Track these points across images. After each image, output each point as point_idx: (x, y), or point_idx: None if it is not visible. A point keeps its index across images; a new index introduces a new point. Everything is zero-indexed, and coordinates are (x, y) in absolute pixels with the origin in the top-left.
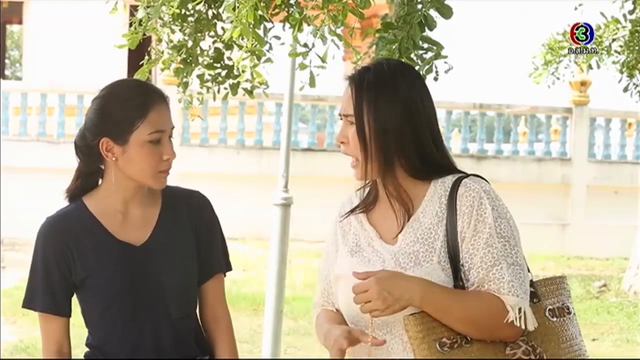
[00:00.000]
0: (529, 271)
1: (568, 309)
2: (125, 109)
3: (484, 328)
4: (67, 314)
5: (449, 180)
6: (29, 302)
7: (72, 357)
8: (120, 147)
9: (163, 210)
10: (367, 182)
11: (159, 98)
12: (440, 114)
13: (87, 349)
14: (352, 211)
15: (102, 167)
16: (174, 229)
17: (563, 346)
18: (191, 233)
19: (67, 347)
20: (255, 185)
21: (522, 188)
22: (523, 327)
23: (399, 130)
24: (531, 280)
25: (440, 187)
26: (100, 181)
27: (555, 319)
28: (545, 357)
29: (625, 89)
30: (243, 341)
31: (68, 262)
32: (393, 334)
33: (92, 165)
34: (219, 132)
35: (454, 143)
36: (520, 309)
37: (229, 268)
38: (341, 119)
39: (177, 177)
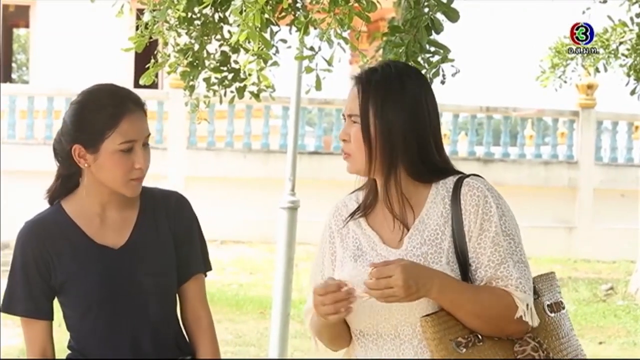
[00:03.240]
0: None
1: (562, 304)
2: (97, 118)
3: (495, 323)
4: (49, 317)
5: (450, 181)
6: (8, 306)
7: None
8: (92, 155)
9: (141, 213)
10: (361, 186)
11: (133, 106)
12: (447, 117)
13: (68, 351)
14: (352, 215)
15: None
16: (152, 231)
17: (563, 340)
18: (170, 234)
19: (50, 350)
20: (262, 189)
21: (529, 191)
22: (530, 322)
23: (404, 133)
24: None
25: (442, 189)
26: (79, 183)
27: (553, 315)
28: (550, 353)
29: (633, 92)
30: (250, 344)
31: (48, 265)
32: (402, 340)
33: (70, 169)
34: (226, 136)
35: (460, 146)
36: (527, 305)
37: (209, 268)
38: (344, 119)
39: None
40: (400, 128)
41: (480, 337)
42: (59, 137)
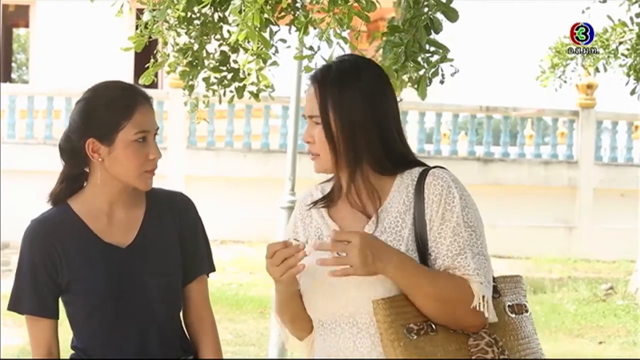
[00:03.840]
0: None
1: (525, 307)
2: (110, 110)
3: (451, 309)
4: (55, 315)
5: (416, 171)
6: (15, 305)
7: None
8: (107, 148)
9: (147, 212)
10: (329, 179)
11: (143, 99)
12: (447, 117)
13: (71, 352)
14: (314, 204)
15: (87, 169)
16: (158, 231)
17: (522, 342)
18: (175, 234)
19: (56, 349)
20: (262, 189)
21: (528, 191)
22: (486, 315)
23: (365, 125)
24: (492, 276)
25: (407, 178)
26: (85, 184)
27: (514, 315)
28: (506, 351)
29: (632, 92)
30: (250, 344)
31: (55, 264)
32: (359, 328)
33: (77, 168)
34: (226, 135)
35: (460, 146)
36: (484, 297)
37: (213, 269)
38: (306, 120)
39: (184, 180)
40: (361, 121)
41: (433, 326)
42: (66, 135)
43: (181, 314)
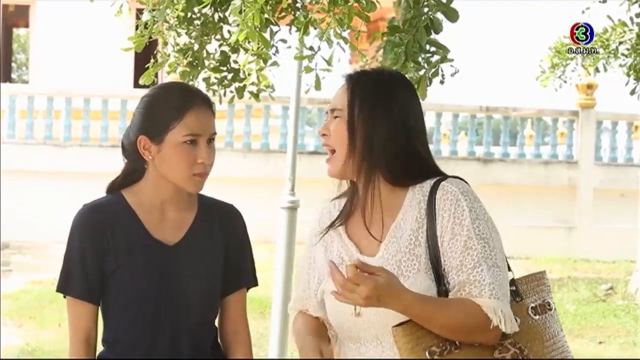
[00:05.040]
0: (510, 270)
1: (549, 305)
2: (163, 109)
3: (467, 334)
4: (98, 302)
5: (427, 184)
6: (64, 287)
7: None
8: (156, 146)
9: (198, 216)
10: (342, 193)
11: (201, 102)
12: (447, 117)
13: (102, 348)
14: (330, 226)
15: (146, 167)
16: (206, 235)
17: (547, 344)
18: (221, 243)
19: (94, 335)
20: (262, 189)
21: (528, 191)
22: (504, 329)
23: (387, 140)
24: (513, 279)
25: (418, 193)
26: (141, 179)
27: (537, 317)
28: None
29: (632, 92)
30: None
31: (103, 250)
32: (384, 346)
33: (136, 165)
34: (225, 136)
35: (460, 146)
36: (502, 311)
37: (255, 283)
38: (327, 115)
39: None
40: (384, 129)
41: (457, 343)
42: (127, 131)
43: (217, 323)
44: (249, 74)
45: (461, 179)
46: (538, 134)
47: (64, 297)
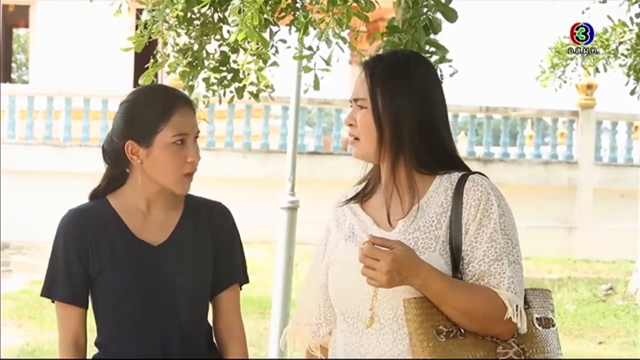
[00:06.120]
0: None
1: (552, 322)
2: (149, 112)
3: (480, 322)
4: (85, 305)
5: (455, 175)
6: (49, 291)
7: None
8: (145, 150)
9: (184, 216)
10: (362, 179)
11: (184, 102)
12: None
13: (96, 351)
14: (348, 201)
15: (128, 171)
16: (192, 234)
17: (548, 356)
18: (210, 241)
19: (83, 338)
20: (262, 189)
21: (528, 191)
22: (519, 325)
23: (412, 120)
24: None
25: (446, 181)
26: (125, 183)
27: (541, 328)
28: None
29: (632, 92)
30: (250, 344)
31: (87, 253)
32: (382, 324)
33: (118, 169)
34: (225, 136)
35: (460, 146)
36: (517, 306)
37: (246, 280)
38: (351, 105)
39: None
40: (409, 115)
41: (462, 330)
42: (109, 137)
43: (212, 322)
44: (249, 74)
45: (485, 176)
46: (538, 134)
47: (52, 301)
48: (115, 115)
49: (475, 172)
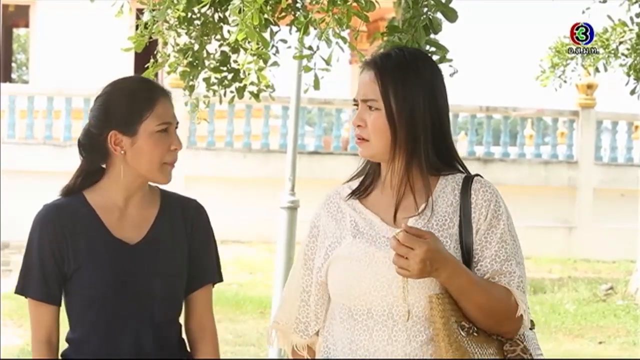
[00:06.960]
0: None
1: (533, 323)
2: (132, 101)
3: (495, 317)
4: (58, 302)
5: (459, 176)
6: (22, 289)
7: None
8: (129, 139)
9: (160, 213)
10: (353, 176)
11: (164, 92)
12: None
13: (66, 345)
14: (351, 195)
15: (104, 166)
16: (168, 233)
17: (534, 356)
18: (185, 239)
19: (55, 336)
20: (262, 189)
21: (528, 191)
22: (527, 323)
23: (424, 116)
24: None
25: (451, 181)
26: (101, 178)
27: (529, 329)
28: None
29: (632, 92)
30: (249, 344)
31: (62, 251)
32: (395, 320)
33: (95, 163)
34: (226, 136)
35: (460, 146)
36: (525, 304)
37: (220, 279)
38: (355, 104)
39: (184, 181)
40: (421, 115)
41: (476, 327)
42: (86, 130)
43: (183, 320)
44: (249, 74)
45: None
46: (538, 134)
47: (25, 297)
48: (92, 108)
49: (475, 175)
